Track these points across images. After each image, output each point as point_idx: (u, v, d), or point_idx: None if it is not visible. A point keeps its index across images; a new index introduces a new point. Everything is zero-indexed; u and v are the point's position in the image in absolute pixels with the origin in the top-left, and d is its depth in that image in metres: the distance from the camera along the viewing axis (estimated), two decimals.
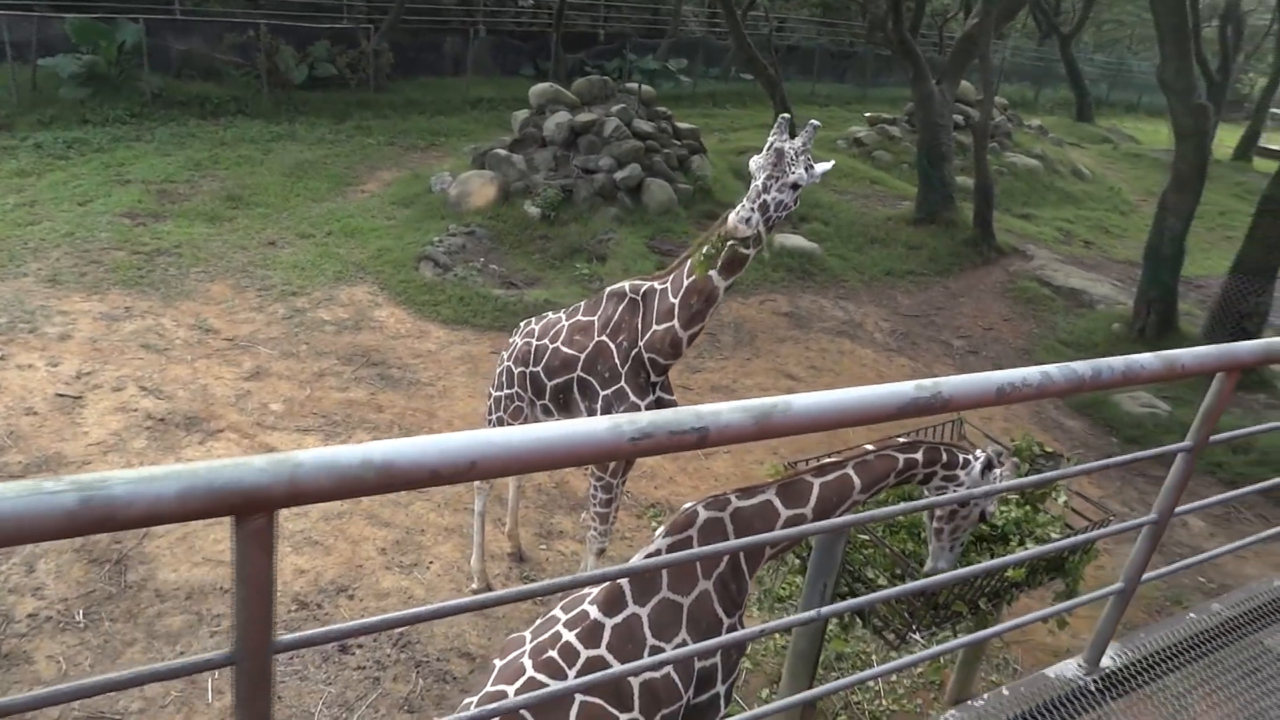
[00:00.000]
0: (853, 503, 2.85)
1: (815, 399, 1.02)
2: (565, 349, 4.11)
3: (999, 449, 3.34)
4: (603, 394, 4.02)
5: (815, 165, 3.21)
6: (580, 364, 4.05)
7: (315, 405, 6.94)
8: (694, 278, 3.60)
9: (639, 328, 3.90)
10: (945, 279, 12.02)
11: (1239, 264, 9.56)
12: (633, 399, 3.98)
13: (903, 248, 12.60)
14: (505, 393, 4.44)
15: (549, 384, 4.18)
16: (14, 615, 4.57)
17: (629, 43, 23.30)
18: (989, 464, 3.10)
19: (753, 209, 3.16)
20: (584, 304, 4.24)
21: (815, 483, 2.77)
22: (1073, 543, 2.22)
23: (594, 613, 2.55)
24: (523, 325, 4.52)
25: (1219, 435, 1.66)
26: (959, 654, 4.48)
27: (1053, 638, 5.30)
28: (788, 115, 3.22)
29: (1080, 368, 1.24)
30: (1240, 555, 6.41)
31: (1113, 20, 39.76)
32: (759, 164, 3.16)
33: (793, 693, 3.63)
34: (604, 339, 4.01)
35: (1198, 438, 1.59)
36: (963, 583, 3.37)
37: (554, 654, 2.49)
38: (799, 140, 3.17)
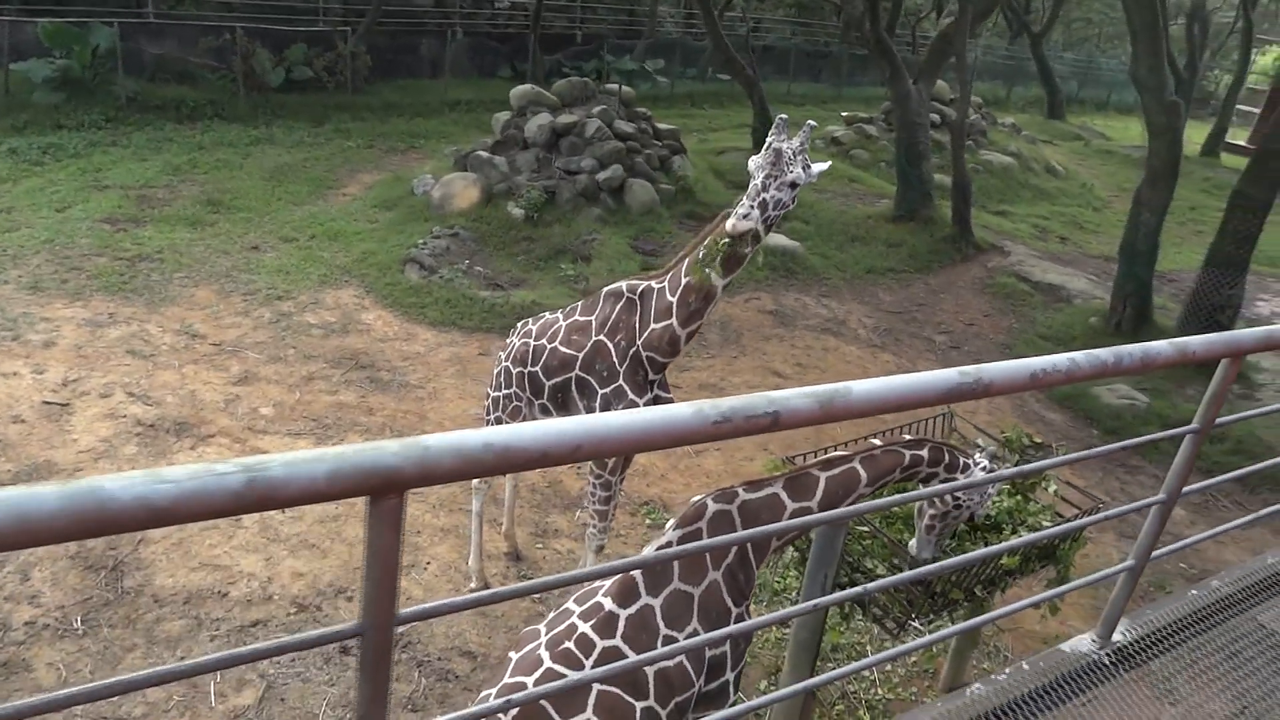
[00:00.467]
0: (858, 496, 2.92)
1: (871, 385, 1.10)
2: (563, 349, 4.16)
3: (993, 451, 3.44)
4: (601, 392, 4.07)
5: (812, 165, 3.29)
6: (579, 363, 4.10)
7: (306, 409, 6.94)
8: (692, 276, 3.66)
9: (637, 326, 3.96)
10: (925, 276, 12.19)
11: (1211, 258, 9.77)
12: (631, 397, 4.03)
13: (883, 245, 12.76)
14: (504, 393, 4.48)
15: (547, 383, 4.23)
16: (11, 623, 4.55)
17: (606, 44, 23.34)
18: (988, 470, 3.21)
19: (752, 207, 3.23)
20: (581, 304, 4.29)
21: (822, 476, 2.84)
22: (1081, 524, 2.31)
23: (608, 604, 2.61)
24: (520, 326, 4.56)
25: (1224, 418, 1.75)
26: (952, 643, 4.58)
27: (1041, 625, 5.42)
28: (785, 116, 3.29)
29: (1103, 354, 1.32)
30: (1220, 541, 6.58)
31: (1081, 18, 40.36)
32: (758, 163, 3.24)
33: (794, 682, 3.70)
34: (602, 338, 4.06)
35: (1204, 420, 1.67)
36: (960, 571, 3.47)
37: (570, 645, 2.54)
38: (796, 140, 3.24)
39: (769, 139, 3.22)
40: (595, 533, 4.50)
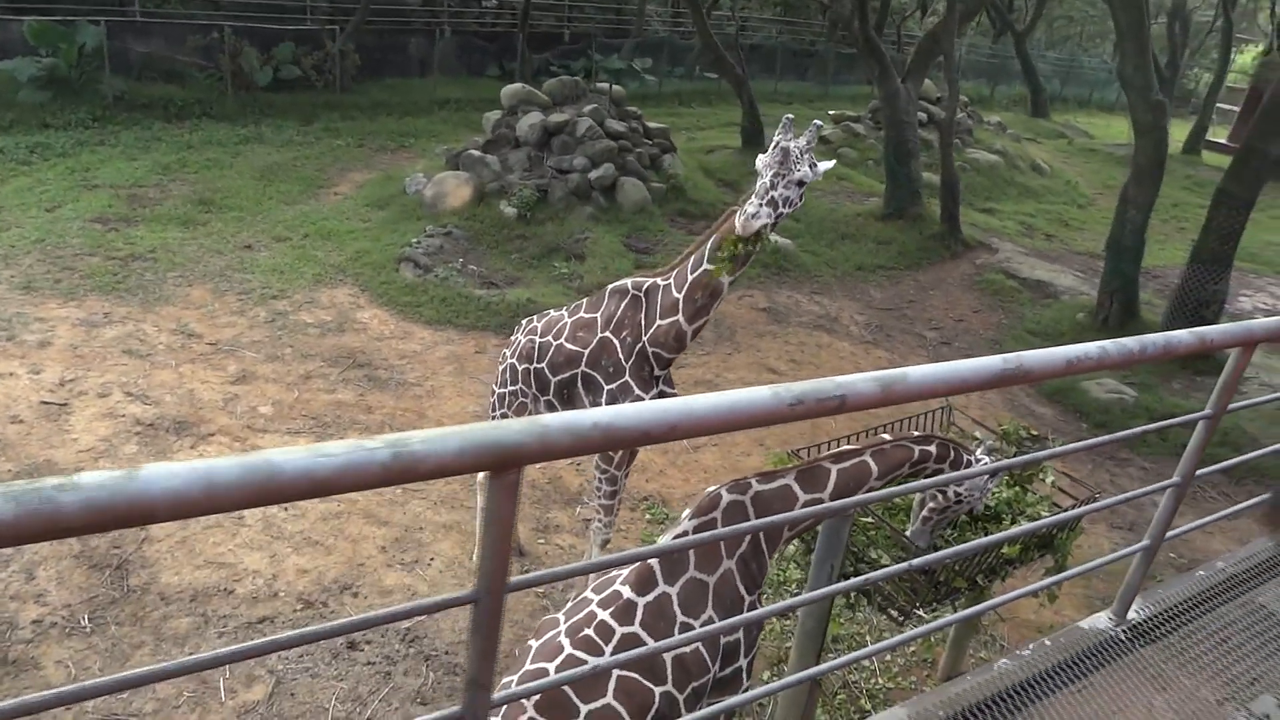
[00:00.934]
0: (868, 489, 2.99)
1: (926, 370, 1.18)
2: (569, 345, 4.22)
3: (992, 444, 3.53)
4: (607, 388, 4.13)
5: (818, 164, 3.36)
6: (584, 359, 4.16)
7: (304, 407, 6.96)
8: (699, 272, 3.73)
9: (642, 323, 4.03)
10: (915, 273, 12.31)
11: (1196, 254, 9.92)
12: (637, 392, 4.10)
13: (873, 243, 12.88)
14: (509, 389, 4.53)
15: (553, 379, 4.29)
16: (18, 622, 4.56)
17: (594, 42, 23.39)
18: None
19: (761, 205, 3.30)
20: (586, 301, 4.35)
21: (833, 469, 2.92)
22: (1092, 509, 2.40)
23: (626, 592, 2.67)
24: (525, 323, 4.61)
25: (1237, 404, 1.83)
26: (951, 632, 4.67)
27: (1037, 615, 5.52)
28: (791, 116, 3.36)
29: (1129, 343, 1.41)
30: (1207, 531, 6.71)
31: (1064, 16, 40.73)
32: (766, 162, 3.30)
33: (801, 670, 3.78)
34: (608, 335, 4.12)
35: (1217, 406, 1.76)
36: (963, 559, 3.55)
37: (590, 632, 2.60)
38: (803, 140, 3.31)
39: (776, 137, 3.29)
40: (601, 526, 4.56)
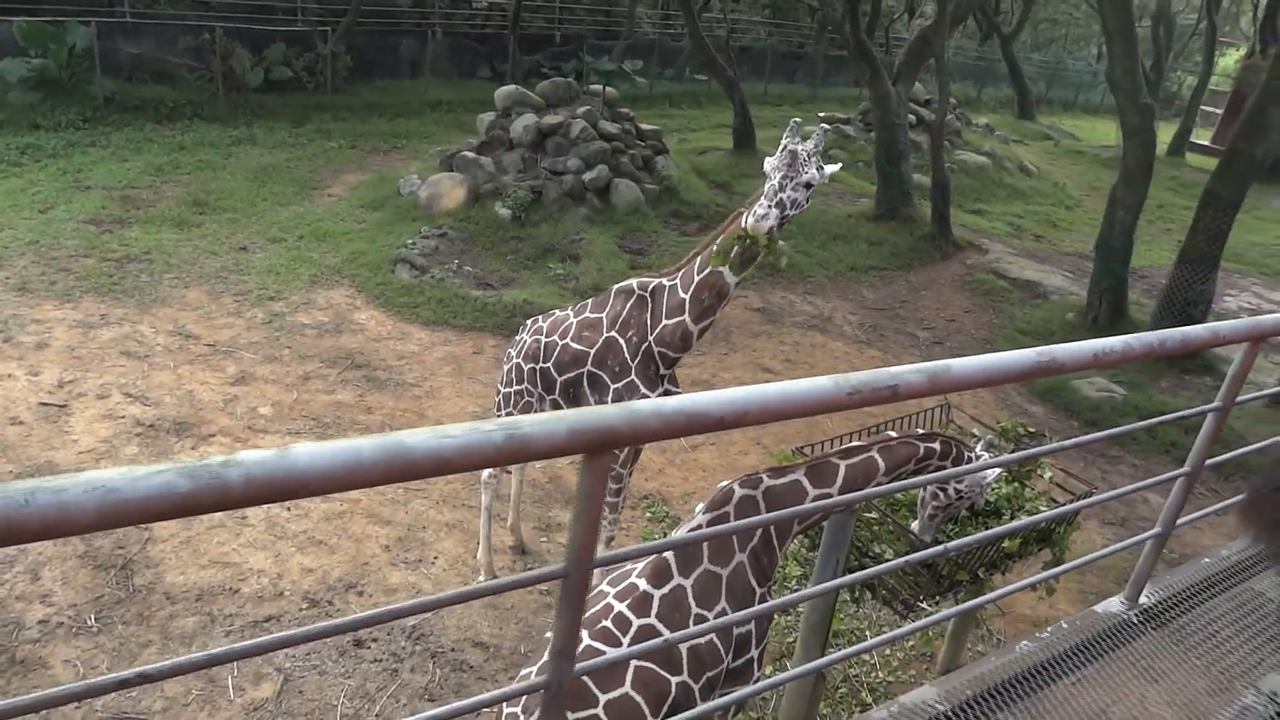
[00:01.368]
0: (875, 485, 3.06)
1: (967, 363, 1.25)
2: (575, 345, 4.27)
3: (990, 441, 3.61)
4: (613, 387, 4.18)
5: (824, 167, 3.43)
6: (590, 359, 4.22)
7: (304, 408, 6.98)
8: (706, 272, 3.78)
9: (648, 323, 4.08)
10: (907, 273, 12.43)
11: (1184, 255, 10.07)
12: (643, 391, 4.15)
13: (865, 244, 12.99)
14: (515, 389, 4.58)
15: (559, 379, 4.34)
16: (24, 622, 4.58)
17: (584, 44, 23.45)
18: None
19: (770, 207, 3.36)
20: (591, 301, 4.40)
21: (842, 465, 2.98)
22: (1101, 499, 2.46)
23: (643, 585, 2.73)
24: (530, 323, 4.66)
25: (1244, 397, 1.91)
26: (950, 626, 4.74)
27: (1033, 610, 5.61)
28: (799, 120, 3.43)
29: (1150, 337, 1.49)
30: (1196, 526, 6.82)
31: (1049, 19, 41.10)
32: (774, 165, 3.37)
33: (806, 662, 3.85)
34: (614, 334, 4.17)
35: (1226, 399, 1.84)
36: (965, 553, 3.63)
37: (608, 623, 2.66)
38: (810, 143, 3.38)
39: (783, 141, 3.36)
40: (606, 524, 4.61)
